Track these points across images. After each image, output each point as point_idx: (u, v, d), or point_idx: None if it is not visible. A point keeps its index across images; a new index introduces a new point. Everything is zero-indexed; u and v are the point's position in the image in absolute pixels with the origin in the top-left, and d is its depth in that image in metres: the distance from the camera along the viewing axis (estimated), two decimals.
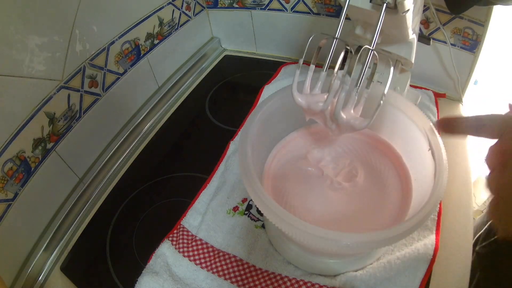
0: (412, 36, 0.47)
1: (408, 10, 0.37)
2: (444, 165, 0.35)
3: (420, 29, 0.61)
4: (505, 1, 0.44)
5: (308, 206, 0.42)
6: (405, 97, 0.57)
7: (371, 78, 0.36)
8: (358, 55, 0.35)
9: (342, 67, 0.37)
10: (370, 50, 0.35)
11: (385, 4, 0.36)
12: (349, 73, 0.35)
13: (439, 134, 0.37)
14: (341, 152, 0.48)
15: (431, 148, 0.37)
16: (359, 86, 0.35)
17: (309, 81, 0.40)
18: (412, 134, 0.41)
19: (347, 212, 0.41)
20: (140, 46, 0.69)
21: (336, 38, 0.38)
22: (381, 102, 0.34)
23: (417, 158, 0.41)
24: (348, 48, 0.37)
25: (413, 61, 0.50)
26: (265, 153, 0.48)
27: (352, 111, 0.38)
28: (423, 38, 0.54)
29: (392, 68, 0.34)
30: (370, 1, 0.38)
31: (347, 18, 0.39)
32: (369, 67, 0.36)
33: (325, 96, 0.39)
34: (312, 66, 0.40)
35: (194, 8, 0.82)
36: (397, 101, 0.43)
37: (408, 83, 0.57)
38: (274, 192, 0.44)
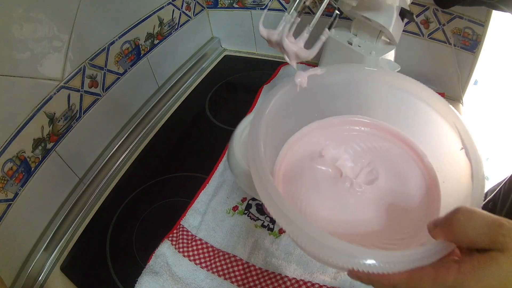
0: (390, 2, 0.48)
1: None
2: (481, 164, 0.31)
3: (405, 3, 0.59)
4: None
5: (325, 214, 0.37)
6: (385, 68, 0.56)
7: (333, 22, 0.41)
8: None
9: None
10: None
11: None
12: (299, 12, 0.43)
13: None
14: (360, 151, 0.43)
15: (464, 147, 0.33)
16: (310, 25, 0.41)
17: (281, 24, 0.44)
18: (440, 131, 0.37)
19: (367, 219, 0.37)
20: (140, 46, 0.69)
21: None
22: (322, 37, 0.40)
23: (447, 157, 0.37)
24: None
25: (391, 31, 0.51)
26: (274, 153, 0.42)
27: (301, 45, 0.42)
28: (407, 13, 0.51)
29: None
30: None
31: None
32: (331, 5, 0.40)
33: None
34: (288, 16, 0.43)
35: (194, 8, 0.82)
36: (423, 93, 0.38)
37: (391, 57, 0.58)
38: (286, 197, 0.39)
